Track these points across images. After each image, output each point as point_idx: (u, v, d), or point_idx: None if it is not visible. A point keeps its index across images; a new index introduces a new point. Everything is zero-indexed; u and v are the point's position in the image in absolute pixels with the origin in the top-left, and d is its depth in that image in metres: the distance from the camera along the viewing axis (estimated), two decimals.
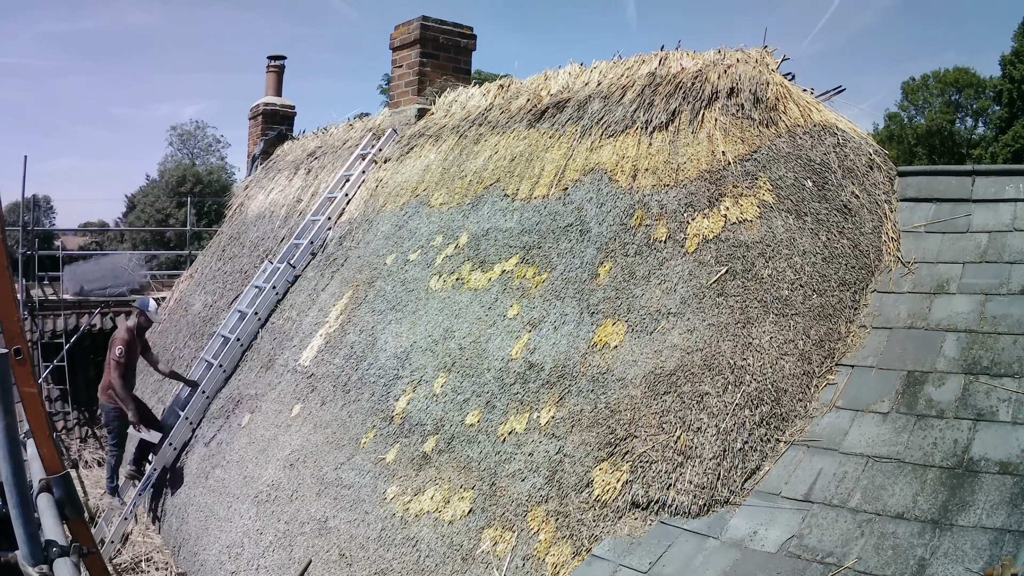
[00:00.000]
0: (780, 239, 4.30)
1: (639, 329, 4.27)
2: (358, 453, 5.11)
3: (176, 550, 6.47)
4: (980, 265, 4.07)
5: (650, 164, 5.05)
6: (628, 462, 3.74)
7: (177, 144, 40.38)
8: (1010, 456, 3.10)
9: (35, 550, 2.24)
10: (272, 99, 12.28)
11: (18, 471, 2.22)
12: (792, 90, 4.98)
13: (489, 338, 5.00)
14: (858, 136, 4.85)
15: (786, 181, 4.52)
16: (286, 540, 4.98)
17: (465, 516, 4.14)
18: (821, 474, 3.41)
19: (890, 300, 4.12)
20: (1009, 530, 2.83)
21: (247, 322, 7.58)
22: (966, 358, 3.62)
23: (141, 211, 31.57)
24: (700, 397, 3.79)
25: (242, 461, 6.12)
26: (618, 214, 4.95)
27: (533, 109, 6.49)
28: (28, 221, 13.57)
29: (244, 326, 7.58)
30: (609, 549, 3.50)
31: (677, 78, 5.39)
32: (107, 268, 14.16)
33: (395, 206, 7.21)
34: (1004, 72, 31.25)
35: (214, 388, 7.36)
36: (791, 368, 3.85)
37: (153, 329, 10.72)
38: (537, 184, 5.79)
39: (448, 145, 7.27)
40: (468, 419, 4.62)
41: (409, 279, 6.16)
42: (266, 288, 7.74)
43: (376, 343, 5.85)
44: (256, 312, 7.61)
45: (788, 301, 4.08)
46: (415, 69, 8.33)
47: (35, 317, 12.04)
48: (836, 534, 3.12)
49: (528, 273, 5.19)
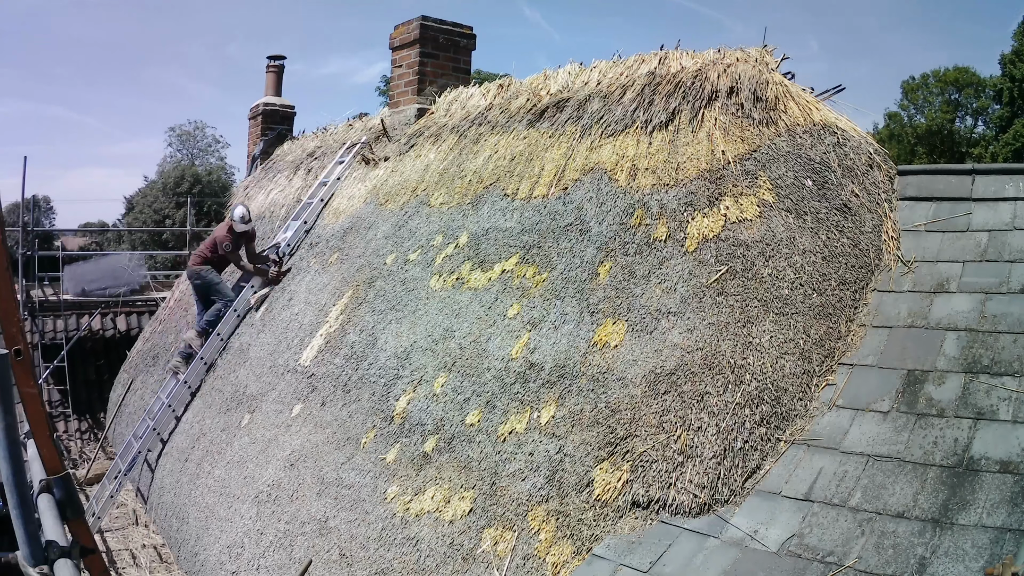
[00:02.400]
0: (780, 238, 4.30)
1: (639, 328, 4.27)
2: (358, 453, 5.11)
3: (176, 550, 6.47)
4: (980, 264, 4.07)
5: (650, 163, 5.05)
6: (628, 461, 3.74)
7: (176, 145, 40.35)
8: (1010, 455, 3.10)
9: (35, 550, 2.24)
10: (272, 99, 12.29)
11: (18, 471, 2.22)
12: (792, 89, 4.98)
13: (489, 338, 5.00)
14: (858, 135, 4.85)
15: (786, 180, 4.52)
16: (286, 540, 4.98)
17: (465, 516, 4.14)
18: (821, 473, 3.41)
19: (890, 299, 4.12)
20: (1009, 529, 2.83)
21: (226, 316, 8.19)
22: (966, 357, 3.62)
23: (140, 212, 31.53)
24: (700, 396, 3.79)
25: (242, 461, 6.12)
26: (618, 213, 4.95)
27: (533, 109, 6.49)
28: (28, 222, 13.56)
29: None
30: (609, 549, 3.50)
31: (677, 77, 5.39)
32: (107, 268, 14.14)
33: (395, 206, 7.21)
34: (1004, 71, 31.24)
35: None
36: (791, 367, 3.85)
37: (154, 329, 10.74)
38: (537, 184, 5.78)
39: (448, 145, 7.26)
40: (468, 419, 4.62)
41: (409, 279, 6.16)
42: (246, 286, 8.33)
43: (376, 343, 5.85)
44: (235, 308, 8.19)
45: (788, 300, 4.08)
46: (415, 69, 8.33)
47: (35, 318, 12.04)
48: (836, 533, 3.11)
49: (528, 273, 5.19)
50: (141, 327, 12.19)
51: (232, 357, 7.68)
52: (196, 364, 7.88)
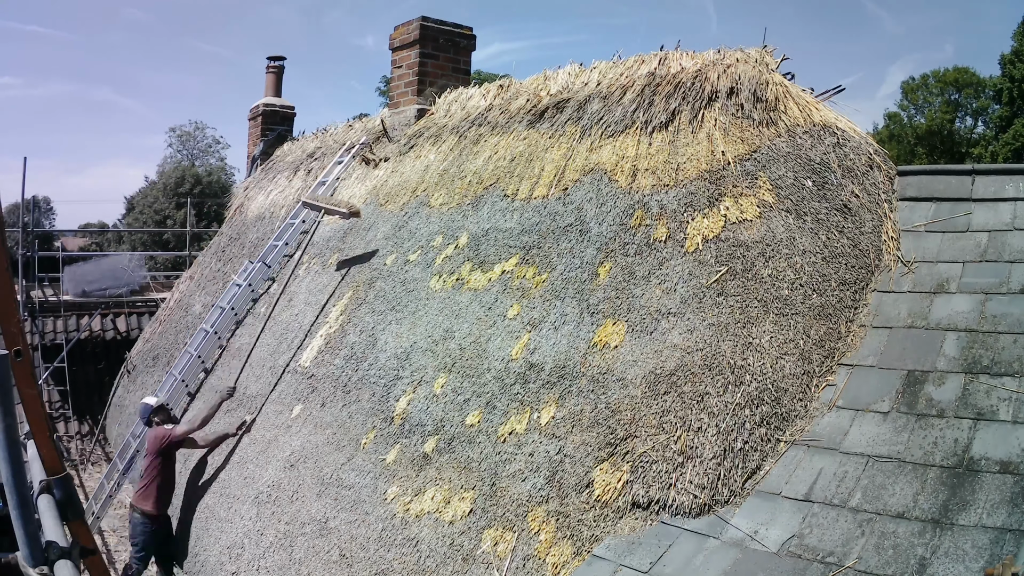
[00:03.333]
0: (780, 239, 4.30)
1: (639, 329, 4.27)
2: (358, 454, 5.11)
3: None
4: (980, 264, 4.06)
5: (650, 164, 5.05)
6: (628, 462, 3.74)
7: (176, 145, 40.33)
8: (1010, 455, 3.10)
9: (35, 551, 2.24)
10: (272, 100, 12.29)
11: (18, 472, 2.22)
12: (792, 90, 4.98)
13: (489, 338, 5.00)
14: (858, 136, 4.85)
15: (786, 181, 4.52)
16: (287, 541, 4.98)
17: (466, 516, 4.14)
18: (821, 474, 3.41)
19: (890, 299, 4.12)
20: (1010, 529, 2.83)
21: (224, 316, 8.09)
22: (966, 357, 3.61)
23: (140, 212, 31.52)
24: (700, 397, 3.79)
25: (243, 462, 6.12)
26: (618, 214, 4.95)
27: (533, 109, 6.49)
28: (28, 222, 13.56)
29: (222, 319, 8.07)
30: (609, 549, 3.50)
31: (677, 78, 5.39)
32: (107, 269, 14.14)
33: (395, 206, 7.21)
34: (1004, 71, 31.23)
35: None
36: (791, 368, 3.85)
37: (154, 330, 10.74)
38: (537, 184, 5.79)
39: (448, 145, 7.27)
40: (468, 419, 4.62)
41: (409, 279, 6.16)
42: (243, 285, 8.23)
43: (376, 343, 5.85)
44: (233, 307, 8.09)
45: (788, 301, 4.08)
46: (415, 69, 8.33)
47: (35, 318, 12.04)
48: (837, 534, 3.11)
49: (528, 273, 5.19)
50: (141, 328, 12.19)
51: (230, 357, 7.69)
52: (194, 363, 7.84)
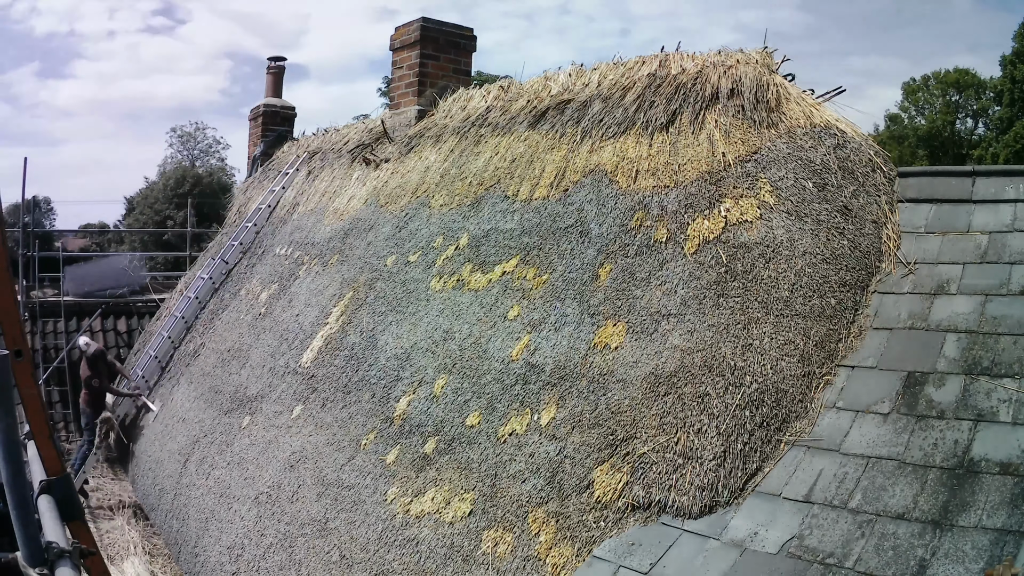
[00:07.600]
0: (780, 240, 4.30)
1: (639, 330, 4.27)
2: (359, 454, 5.11)
3: (176, 550, 6.47)
4: (980, 266, 4.06)
5: (650, 165, 5.05)
6: (629, 463, 3.74)
7: (177, 146, 40.30)
8: (1011, 457, 3.10)
9: (35, 551, 2.24)
10: (272, 100, 12.29)
11: (18, 472, 2.21)
12: (792, 91, 4.98)
13: (490, 339, 5.00)
14: (858, 137, 4.84)
15: (786, 182, 4.52)
16: (287, 541, 4.98)
17: (466, 517, 4.14)
18: (821, 475, 3.41)
19: (890, 301, 4.12)
20: (1010, 531, 2.83)
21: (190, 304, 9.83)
22: (966, 359, 3.61)
23: (140, 213, 31.50)
24: (700, 398, 3.79)
25: (243, 462, 6.13)
26: (618, 215, 4.95)
27: (533, 110, 6.49)
28: (29, 222, 13.56)
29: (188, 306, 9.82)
30: (610, 550, 3.50)
31: (677, 79, 5.39)
32: (107, 269, 14.14)
33: (396, 207, 7.22)
34: (1004, 72, 31.21)
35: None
36: (791, 369, 3.84)
37: (155, 330, 10.75)
38: (537, 185, 5.79)
39: (448, 146, 7.27)
40: (469, 420, 4.62)
41: (409, 280, 6.16)
42: (206, 279, 9.78)
43: (376, 344, 5.85)
44: (198, 297, 9.74)
45: (788, 302, 4.08)
46: (415, 70, 8.33)
47: (36, 319, 12.04)
48: (837, 535, 3.11)
49: (528, 274, 5.19)
50: (142, 328, 12.20)
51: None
52: (166, 342, 9.42)
